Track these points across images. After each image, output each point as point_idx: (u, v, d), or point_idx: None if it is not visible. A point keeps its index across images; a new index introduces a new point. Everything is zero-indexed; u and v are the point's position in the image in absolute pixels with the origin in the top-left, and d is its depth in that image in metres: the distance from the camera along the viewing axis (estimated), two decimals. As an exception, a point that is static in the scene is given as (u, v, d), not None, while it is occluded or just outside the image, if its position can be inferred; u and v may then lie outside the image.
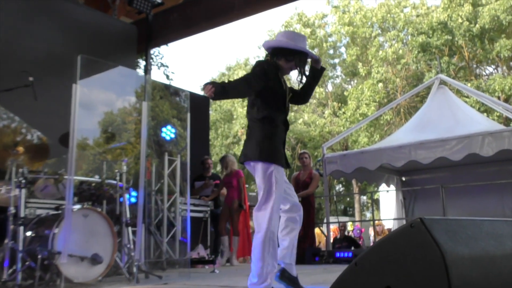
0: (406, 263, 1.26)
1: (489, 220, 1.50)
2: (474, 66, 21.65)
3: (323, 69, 3.26)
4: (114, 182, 4.81)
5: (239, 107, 23.72)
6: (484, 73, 22.15)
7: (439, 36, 19.69)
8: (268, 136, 2.97)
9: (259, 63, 3.09)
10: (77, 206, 4.35)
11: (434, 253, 1.20)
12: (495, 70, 21.55)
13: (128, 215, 4.77)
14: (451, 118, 8.11)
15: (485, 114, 13.97)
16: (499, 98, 17.68)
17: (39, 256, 3.84)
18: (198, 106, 8.46)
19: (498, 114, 15.98)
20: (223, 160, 7.78)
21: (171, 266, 6.26)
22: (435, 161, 7.38)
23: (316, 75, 3.24)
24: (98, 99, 6.54)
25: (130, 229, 4.77)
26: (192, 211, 6.55)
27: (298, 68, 3.13)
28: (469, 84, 17.85)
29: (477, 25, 19.01)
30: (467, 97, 15.64)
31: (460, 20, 19.30)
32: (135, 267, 4.39)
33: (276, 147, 2.97)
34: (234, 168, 7.54)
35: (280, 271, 3.02)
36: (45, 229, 4.14)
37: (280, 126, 3.06)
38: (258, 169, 2.94)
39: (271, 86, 3.02)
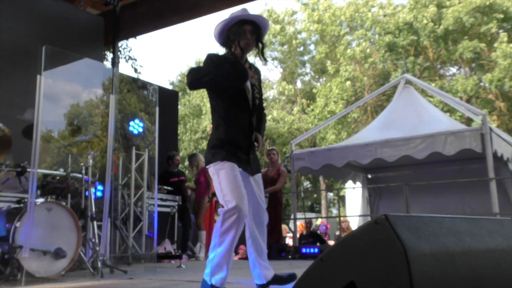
0: (370, 259, 1.30)
1: (450, 217, 1.55)
2: (438, 66, 22.19)
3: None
4: (80, 175, 4.73)
5: (208, 102, 23.60)
6: (447, 73, 22.74)
7: (405, 36, 20.09)
8: (220, 142, 2.79)
9: (208, 57, 2.84)
10: (41, 200, 4.26)
11: (397, 248, 1.24)
12: (458, 71, 22.15)
13: (93, 209, 4.70)
14: (416, 117, 8.29)
15: (448, 113, 14.35)
16: (461, 98, 18.19)
17: None
18: (166, 100, 8.38)
19: (460, 114, 16.45)
20: (192, 159, 7.77)
21: (137, 261, 6.21)
22: (400, 159, 7.54)
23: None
24: (63, 91, 6.40)
25: (95, 223, 4.70)
26: (159, 205, 6.50)
27: (236, 39, 2.81)
28: (433, 84, 18.29)
29: (441, 27, 19.47)
30: (431, 96, 16.02)
31: (425, 21, 19.72)
32: (100, 262, 4.33)
33: (229, 152, 2.76)
34: (202, 165, 7.58)
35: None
36: (6, 222, 4.04)
37: (240, 130, 2.83)
38: (211, 172, 2.81)
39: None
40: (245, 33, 2.84)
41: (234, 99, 2.83)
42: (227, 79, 2.74)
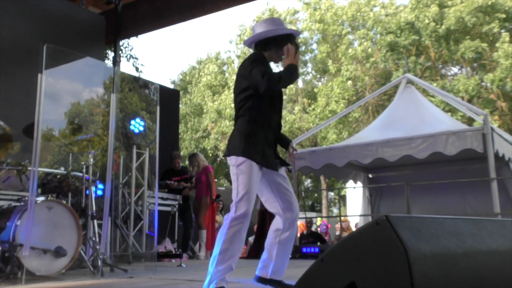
0: (371, 260, 1.29)
1: (451, 218, 1.54)
2: (440, 66, 22.16)
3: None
4: (80, 174, 4.73)
5: (209, 101, 23.61)
6: (449, 73, 22.70)
7: (406, 36, 20.06)
8: (253, 135, 2.87)
9: (254, 58, 2.94)
10: (41, 198, 4.26)
11: (398, 250, 1.23)
12: (460, 71, 22.12)
13: (94, 207, 4.71)
14: (417, 117, 8.27)
15: (449, 113, 14.32)
16: (462, 98, 18.16)
17: (0, 248, 3.75)
18: (167, 99, 8.39)
19: (461, 114, 16.43)
20: (192, 159, 7.76)
21: (137, 259, 6.21)
22: (401, 159, 7.53)
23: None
24: (64, 90, 6.41)
25: (95, 222, 4.70)
26: (160, 204, 6.50)
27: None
28: (435, 84, 18.27)
29: (443, 26, 19.44)
30: (433, 96, 16.00)
31: (427, 21, 19.69)
32: (100, 261, 4.33)
33: (258, 146, 2.86)
34: (204, 165, 7.59)
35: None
36: (7, 220, 4.04)
37: (270, 127, 2.96)
38: (232, 163, 2.86)
39: None
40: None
41: (272, 97, 2.98)
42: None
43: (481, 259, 1.45)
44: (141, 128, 6.70)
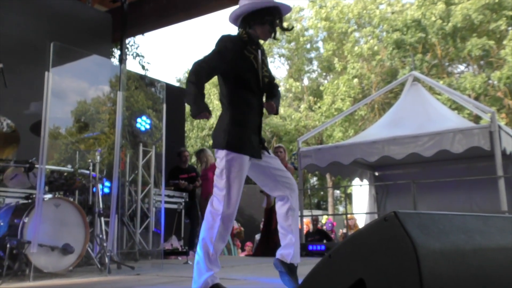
0: (379, 256, 1.29)
1: (460, 215, 1.54)
2: (447, 64, 22.06)
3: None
4: (87, 172, 4.74)
5: (215, 100, 23.61)
6: (455, 71, 22.61)
7: (413, 34, 19.99)
8: (236, 123, 2.76)
9: (221, 40, 2.80)
10: (49, 196, 4.28)
11: (406, 246, 1.23)
12: (467, 69, 22.01)
13: (101, 205, 4.72)
14: (424, 114, 8.24)
15: (456, 111, 14.25)
16: (469, 96, 18.07)
17: (8, 245, 3.77)
18: (174, 97, 8.36)
19: (468, 111, 16.34)
20: (200, 154, 7.75)
21: (144, 257, 6.23)
22: (407, 157, 7.50)
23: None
24: (70, 88, 6.42)
25: (102, 219, 4.72)
26: (166, 202, 6.51)
27: (273, 29, 2.85)
28: (441, 82, 18.18)
29: (450, 24, 19.35)
30: (439, 94, 15.93)
31: (433, 18, 19.61)
32: (107, 258, 4.35)
33: (244, 135, 2.75)
34: (212, 161, 7.57)
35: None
36: (15, 218, 4.07)
37: (252, 110, 2.81)
38: (219, 157, 2.78)
39: (238, 64, 2.77)
40: (274, 23, 2.88)
41: (247, 80, 2.82)
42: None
43: (490, 256, 1.45)
44: (148, 126, 6.72)
